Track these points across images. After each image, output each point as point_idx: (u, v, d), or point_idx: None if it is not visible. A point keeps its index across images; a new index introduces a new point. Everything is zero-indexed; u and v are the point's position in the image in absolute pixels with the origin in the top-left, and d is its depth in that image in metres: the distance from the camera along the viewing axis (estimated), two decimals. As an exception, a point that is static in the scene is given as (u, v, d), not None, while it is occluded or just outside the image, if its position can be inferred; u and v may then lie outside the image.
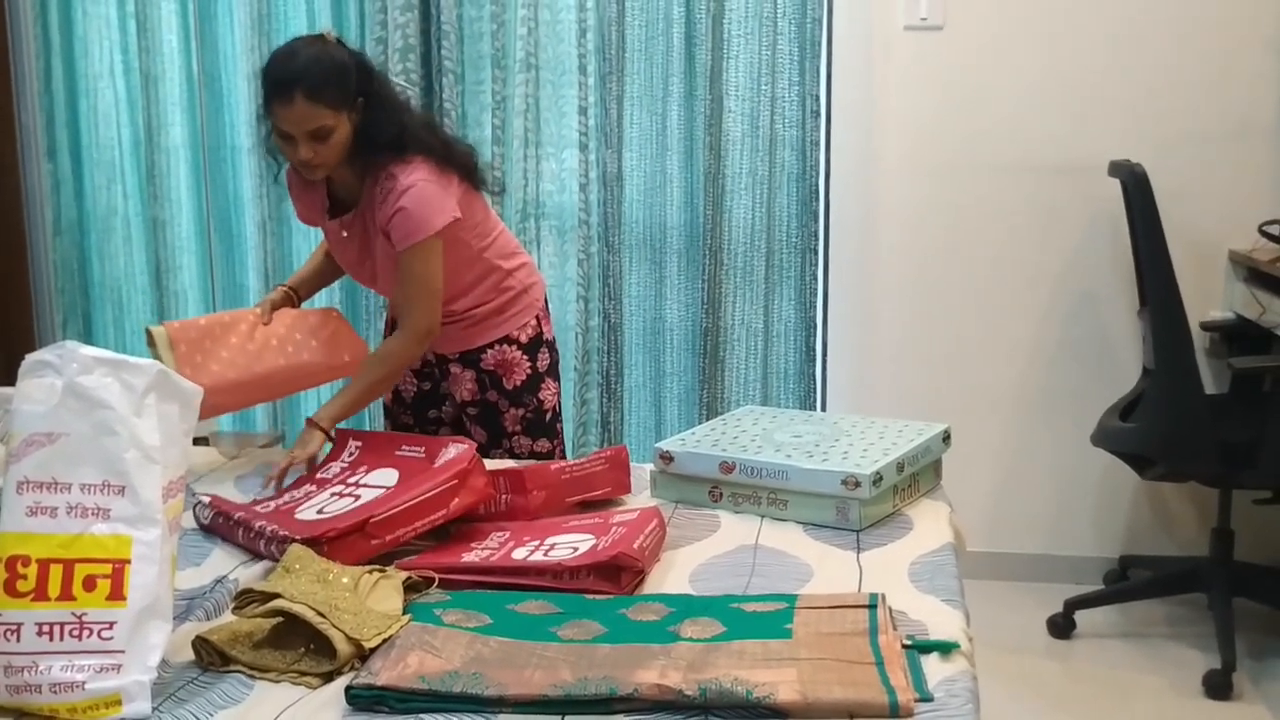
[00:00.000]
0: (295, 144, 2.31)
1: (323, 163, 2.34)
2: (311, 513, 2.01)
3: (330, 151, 2.33)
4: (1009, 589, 3.53)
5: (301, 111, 2.27)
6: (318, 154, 2.32)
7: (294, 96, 2.26)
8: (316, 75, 2.28)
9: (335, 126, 2.31)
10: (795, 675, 1.46)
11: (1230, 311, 3.42)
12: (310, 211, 2.60)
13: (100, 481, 1.47)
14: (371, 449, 2.25)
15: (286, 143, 2.33)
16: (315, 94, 2.27)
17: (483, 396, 2.63)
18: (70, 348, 1.50)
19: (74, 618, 1.43)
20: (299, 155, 2.32)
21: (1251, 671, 3.05)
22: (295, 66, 2.28)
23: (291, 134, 2.30)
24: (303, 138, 2.29)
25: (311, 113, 2.27)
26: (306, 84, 2.26)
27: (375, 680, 1.44)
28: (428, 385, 2.71)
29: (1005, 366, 3.60)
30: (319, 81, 2.28)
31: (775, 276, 3.51)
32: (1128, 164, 3.04)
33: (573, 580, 1.75)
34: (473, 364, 2.61)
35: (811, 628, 1.61)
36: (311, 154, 2.31)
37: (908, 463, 2.14)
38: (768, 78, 3.40)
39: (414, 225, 2.35)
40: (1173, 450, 3.06)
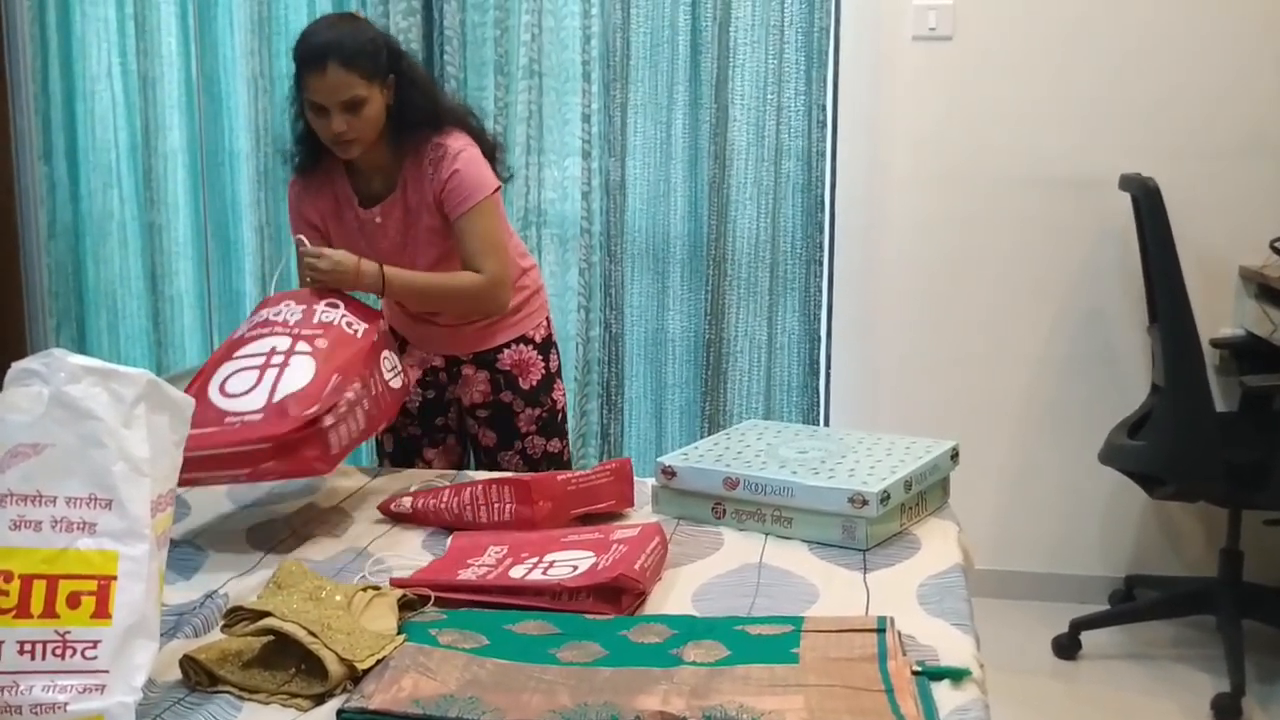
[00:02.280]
0: (328, 117, 2.29)
1: (357, 137, 2.32)
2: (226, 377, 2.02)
3: (364, 126, 2.32)
4: (1013, 608, 3.48)
5: (335, 80, 2.27)
6: (351, 126, 2.30)
7: (327, 65, 2.26)
8: (349, 45, 2.29)
9: (368, 98, 2.30)
10: (803, 703, 1.41)
11: (1240, 328, 3.38)
12: (319, 213, 2.51)
13: (87, 494, 1.42)
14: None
15: (319, 117, 2.31)
16: (348, 62, 2.27)
17: (495, 397, 2.60)
18: (58, 356, 1.46)
19: (57, 636, 1.38)
20: (332, 128, 2.29)
21: (1260, 695, 3.01)
22: (328, 37, 2.30)
23: (325, 106, 2.28)
24: (336, 109, 2.28)
25: (345, 81, 2.27)
26: (339, 53, 2.27)
27: (368, 704, 1.40)
28: (432, 394, 2.66)
29: (1011, 382, 3.56)
30: (352, 50, 2.29)
31: (779, 288, 3.46)
32: (1139, 177, 3.00)
33: (572, 601, 1.70)
34: (488, 364, 2.58)
35: (819, 652, 1.56)
36: (344, 126, 2.29)
37: (915, 480, 2.10)
38: (774, 87, 3.36)
39: (472, 185, 2.38)
40: (1182, 469, 3.02)
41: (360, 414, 2.06)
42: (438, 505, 2.08)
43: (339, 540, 2.05)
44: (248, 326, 2.19)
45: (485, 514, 2.04)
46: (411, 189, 2.43)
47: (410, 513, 2.11)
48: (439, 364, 2.63)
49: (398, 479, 2.40)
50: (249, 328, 2.18)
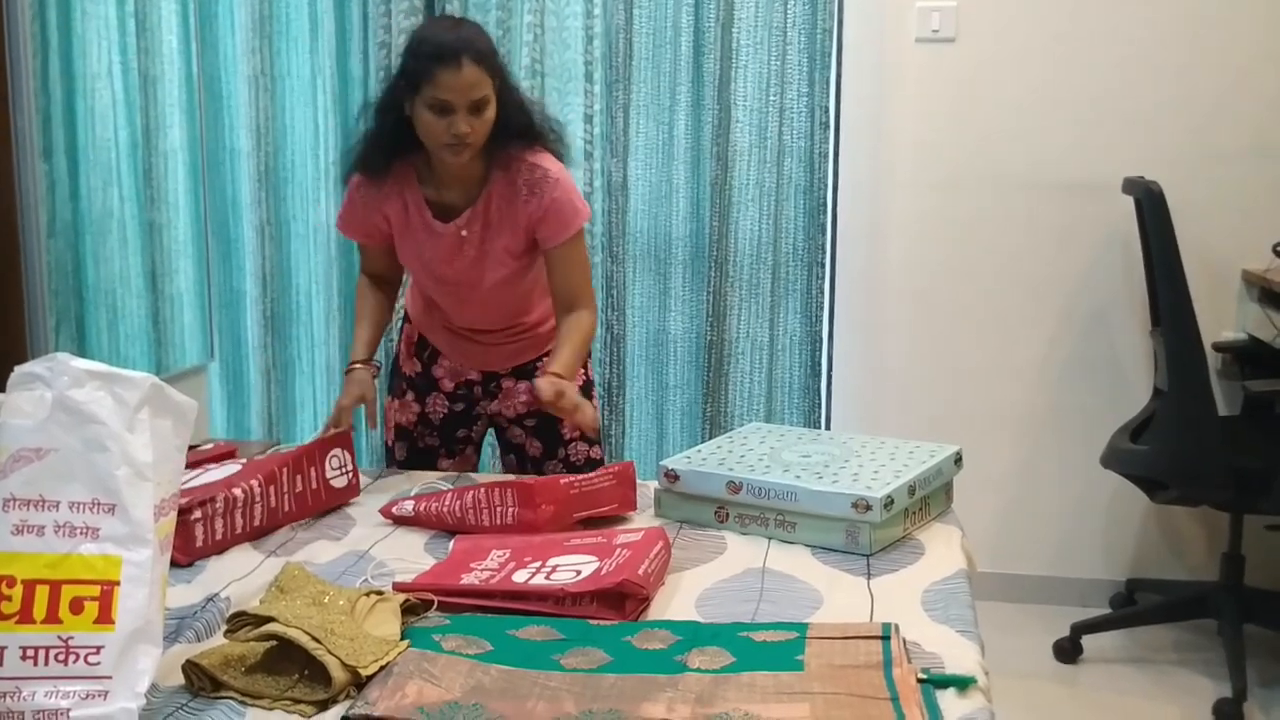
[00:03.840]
0: (453, 117, 2.23)
1: (476, 140, 2.27)
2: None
3: (483, 128, 2.27)
4: (1014, 611, 3.48)
5: (469, 76, 2.21)
6: (474, 129, 2.25)
7: (462, 61, 2.20)
8: (479, 43, 2.26)
9: (490, 100, 2.26)
10: (809, 711, 1.40)
11: (1243, 332, 3.37)
12: (386, 217, 2.44)
13: (90, 499, 1.41)
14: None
15: (440, 117, 2.23)
16: (481, 59, 2.23)
17: (540, 406, 2.50)
18: (61, 359, 1.45)
19: (60, 641, 1.37)
20: (458, 128, 2.23)
21: (1262, 700, 3.00)
22: (461, 34, 2.26)
23: (453, 105, 2.22)
24: (464, 108, 2.23)
25: (478, 78, 2.22)
26: (473, 50, 2.23)
27: (372, 710, 1.39)
28: (460, 406, 2.62)
29: (1014, 385, 3.55)
30: (483, 49, 2.26)
31: (781, 289, 3.46)
32: (1142, 181, 2.99)
33: (575, 606, 1.70)
34: (527, 375, 2.54)
35: (824, 659, 1.55)
36: (469, 128, 2.23)
37: (919, 485, 2.09)
38: (776, 88, 3.35)
39: (571, 213, 2.38)
40: (1185, 473, 3.01)
41: (254, 511, 2.03)
42: (440, 509, 2.07)
43: (340, 543, 2.05)
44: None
45: (488, 517, 2.04)
46: (497, 205, 2.37)
47: (412, 516, 2.10)
48: (475, 378, 2.59)
49: (399, 481, 2.40)
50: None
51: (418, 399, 2.62)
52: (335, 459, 2.19)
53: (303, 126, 3.61)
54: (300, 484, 2.12)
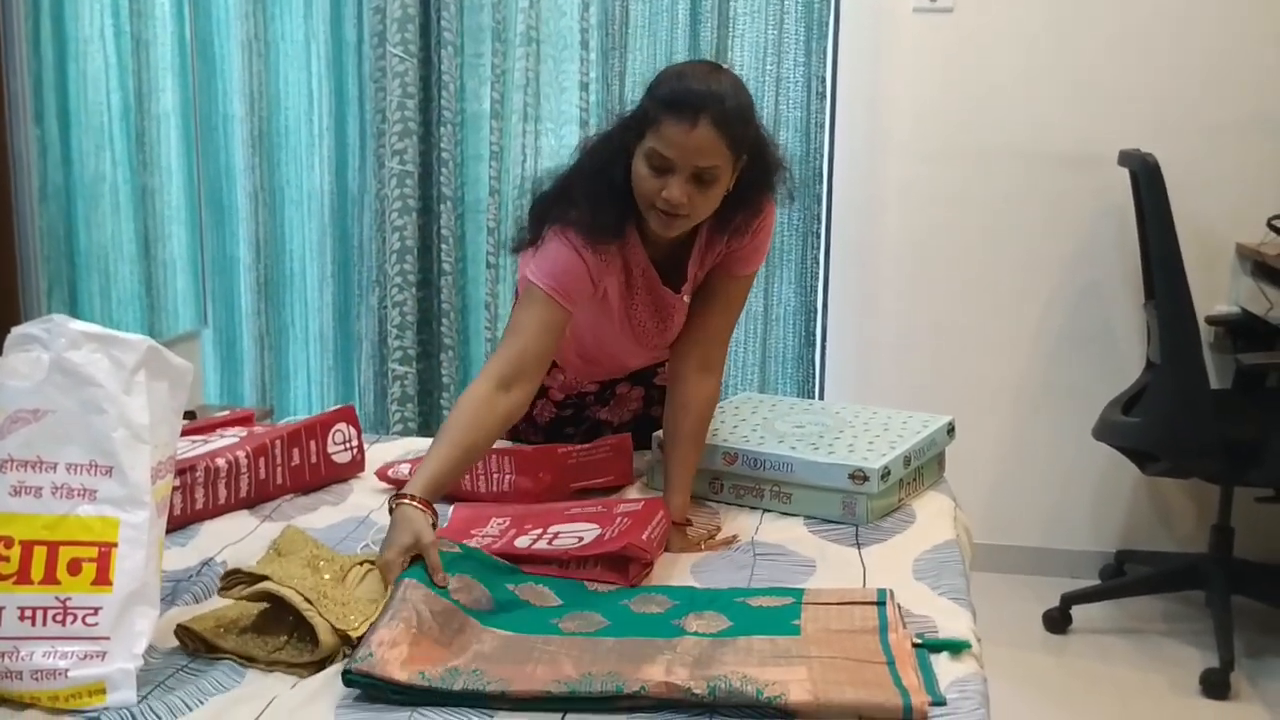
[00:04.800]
0: (668, 178, 1.83)
1: (690, 214, 1.87)
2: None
3: (705, 204, 1.88)
4: (1005, 582, 3.50)
5: (702, 140, 1.80)
6: (691, 200, 1.85)
7: (699, 119, 1.79)
8: (731, 103, 1.83)
9: (721, 175, 1.85)
10: (806, 674, 1.41)
11: (1236, 306, 3.38)
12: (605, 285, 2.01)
13: (87, 461, 1.41)
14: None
15: (655, 175, 1.84)
16: (723, 123, 1.81)
17: (646, 411, 2.38)
18: (58, 321, 1.44)
19: (58, 602, 1.38)
20: (670, 194, 1.83)
21: (1249, 670, 3.03)
22: (711, 86, 1.83)
23: (672, 165, 1.82)
24: (686, 173, 1.82)
25: (712, 145, 1.81)
26: (719, 109, 1.80)
27: (373, 670, 1.39)
28: (569, 412, 2.37)
29: (1007, 357, 3.56)
30: (731, 111, 1.82)
31: (776, 259, 3.45)
32: (1138, 153, 2.99)
33: (579, 569, 1.70)
34: (644, 380, 2.36)
35: (820, 624, 1.56)
36: (684, 198, 1.83)
37: (914, 456, 2.10)
38: (773, 58, 3.34)
39: (763, 251, 2.08)
40: (1176, 446, 3.02)
41: (239, 483, 2.01)
42: None
43: (339, 509, 2.05)
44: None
45: (484, 484, 2.04)
46: (702, 261, 2.05)
47: (408, 479, 2.09)
48: (591, 389, 2.34)
49: (395, 446, 2.39)
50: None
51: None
52: (339, 433, 2.17)
53: (296, 92, 3.59)
54: (298, 457, 2.11)
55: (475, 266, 3.55)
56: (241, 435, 2.17)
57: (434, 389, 3.60)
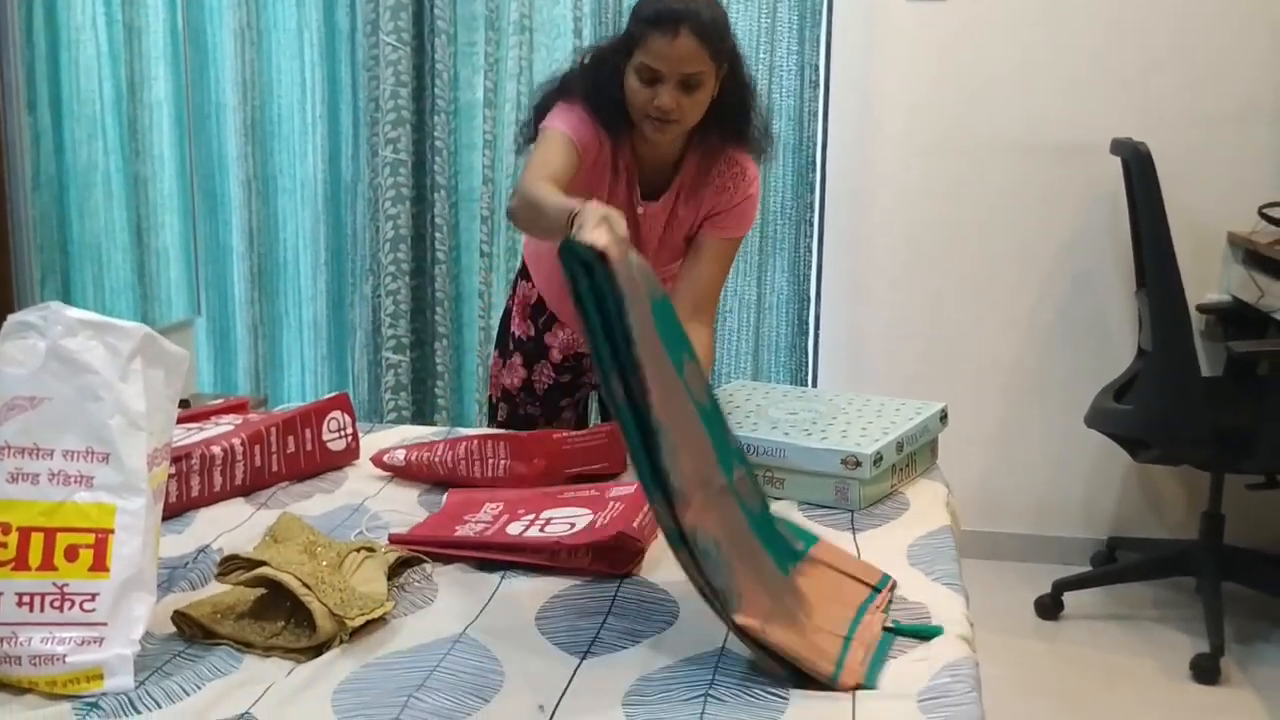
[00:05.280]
0: (658, 87, 2.08)
1: (681, 119, 2.12)
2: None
3: (694, 109, 2.13)
4: (997, 569, 3.51)
5: (684, 49, 2.05)
6: (680, 105, 2.10)
7: (680, 30, 2.04)
8: (707, 16, 2.08)
9: (706, 80, 2.10)
10: (765, 609, 1.43)
11: (1227, 294, 3.39)
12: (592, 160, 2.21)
13: (84, 448, 1.41)
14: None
15: (646, 86, 2.09)
16: (703, 34, 2.06)
17: None
18: (54, 309, 1.45)
19: (55, 588, 1.38)
20: (661, 101, 2.08)
21: (1239, 656, 3.05)
22: (690, 4, 2.07)
23: (661, 75, 2.07)
24: (673, 81, 2.07)
25: (694, 53, 2.06)
26: (696, 21, 2.05)
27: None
28: (566, 378, 2.52)
29: (999, 344, 3.57)
30: (709, 22, 2.08)
31: (769, 247, 3.46)
32: (1130, 142, 3.00)
33: (570, 559, 1.71)
34: None
35: (810, 582, 1.58)
36: (675, 104, 2.09)
37: (906, 442, 2.11)
38: (766, 46, 3.34)
39: (749, 217, 2.31)
40: (1167, 433, 3.04)
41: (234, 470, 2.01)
42: (431, 459, 2.07)
43: (333, 496, 2.05)
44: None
45: (479, 469, 2.04)
46: (685, 198, 2.28)
47: (404, 465, 2.10)
48: (586, 350, 2.45)
49: (390, 434, 2.40)
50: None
51: (525, 364, 2.52)
52: (334, 421, 2.17)
53: (289, 80, 3.59)
54: (293, 445, 2.11)
55: (469, 255, 3.55)
56: (236, 423, 2.17)
57: (428, 377, 3.60)
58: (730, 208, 2.26)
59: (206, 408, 2.33)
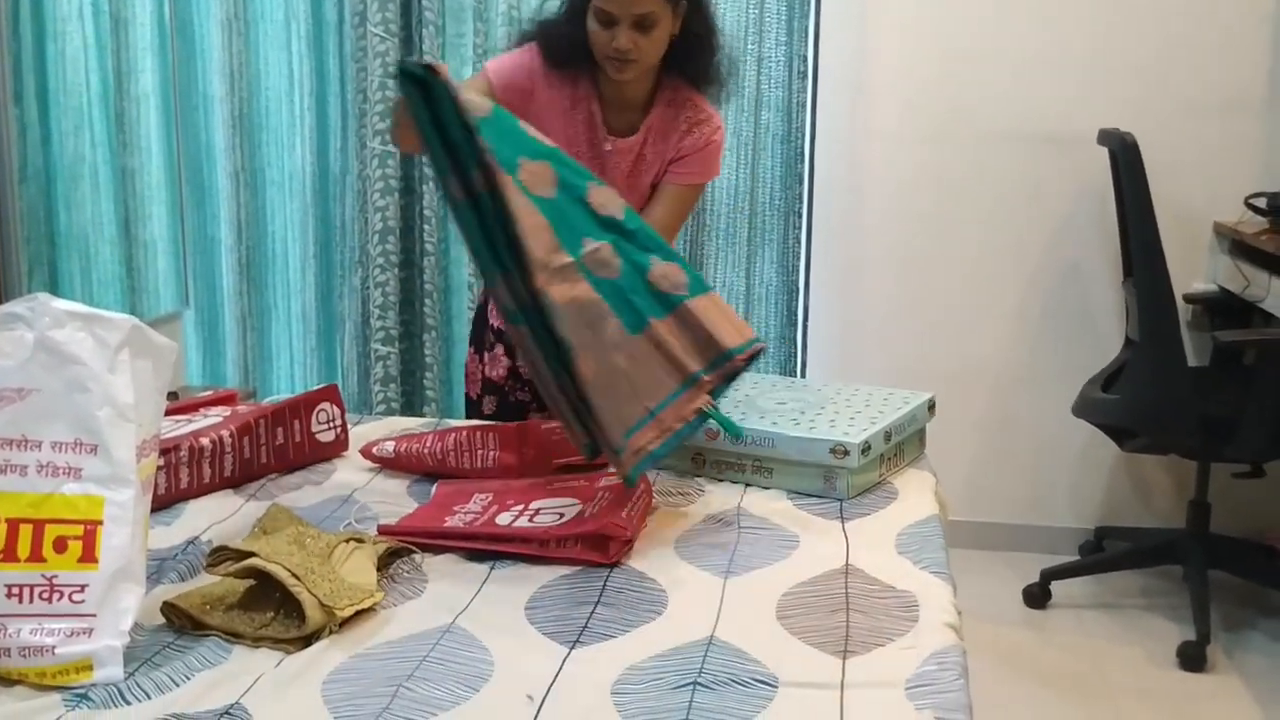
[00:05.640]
0: (615, 30, 2.16)
1: (639, 58, 2.20)
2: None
3: (650, 48, 2.20)
4: (985, 558, 3.53)
5: None
6: (637, 45, 2.17)
7: None
8: None
9: (660, 19, 2.18)
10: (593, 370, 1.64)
11: (1214, 284, 3.41)
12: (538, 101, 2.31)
13: (72, 440, 1.42)
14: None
15: (604, 28, 2.17)
16: None
17: None
18: (42, 300, 1.45)
19: (44, 580, 1.39)
20: (618, 43, 2.16)
21: (1226, 644, 3.07)
22: None
23: (615, 17, 2.15)
24: (627, 22, 2.15)
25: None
26: None
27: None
28: None
29: (988, 335, 3.58)
30: None
31: (758, 239, 3.46)
32: (1117, 133, 3.01)
33: (558, 549, 1.71)
34: None
35: (652, 345, 1.76)
36: (630, 45, 2.16)
37: (895, 431, 2.12)
38: (754, 37, 3.34)
39: (712, 164, 2.38)
40: (1154, 422, 3.05)
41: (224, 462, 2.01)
42: (420, 450, 2.08)
43: (322, 488, 2.05)
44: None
45: (468, 460, 2.05)
46: (653, 139, 2.34)
47: (393, 457, 2.10)
48: None
49: (379, 425, 2.40)
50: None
51: (508, 353, 2.54)
52: (323, 413, 2.17)
53: (277, 72, 3.58)
54: (282, 436, 2.11)
55: (458, 247, 3.54)
56: (225, 415, 2.17)
57: (417, 369, 3.60)
58: (694, 151, 2.33)
59: (195, 400, 2.33)
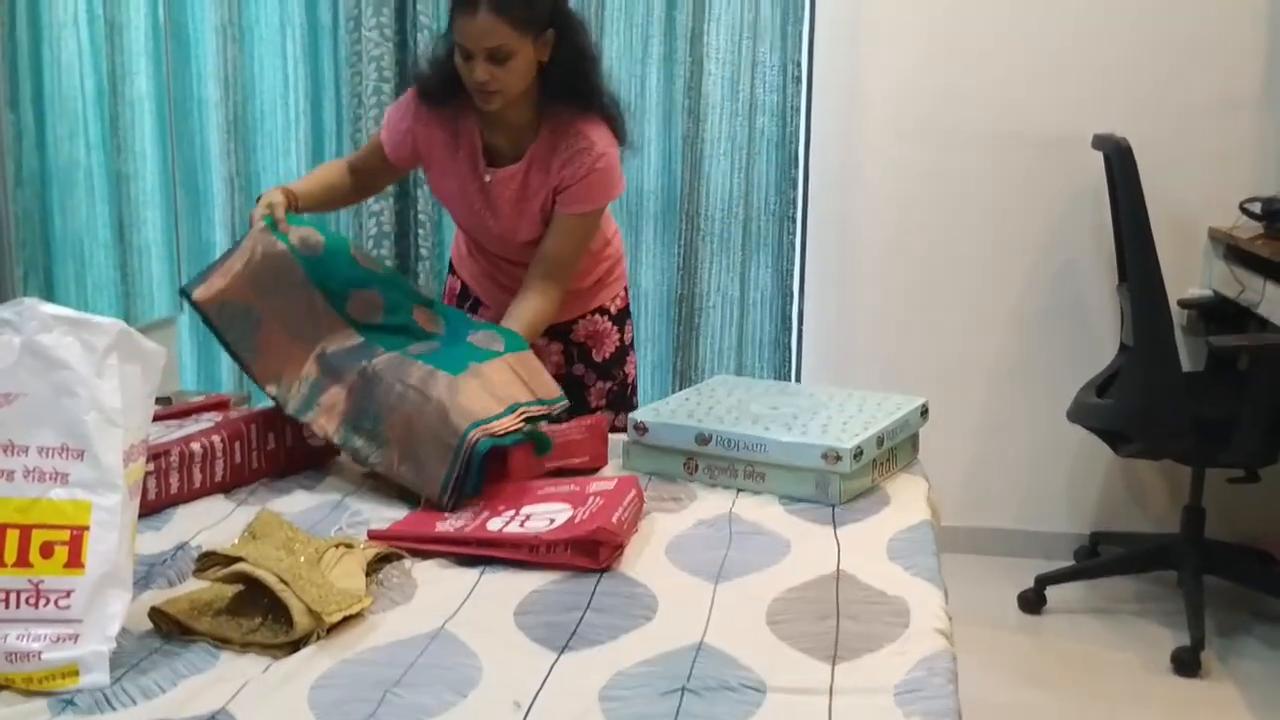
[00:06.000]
0: (473, 63, 2.18)
1: (500, 89, 2.21)
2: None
3: (510, 79, 2.20)
4: (981, 563, 3.52)
5: (483, 25, 2.14)
6: (494, 78, 2.18)
7: (478, 7, 2.13)
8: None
9: (516, 50, 2.18)
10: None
11: (1208, 289, 3.41)
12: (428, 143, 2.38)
13: (59, 444, 1.41)
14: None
15: (466, 62, 2.19)
16: (500, 8, 2.14)
17: (568, 370, 2.52)
18: (29, 304, 1.44)
19: (30, 585, 1.38)
20: (476, 75, 2.18)
21: (1220, 649, 3.06)
22: None
23: (469, 51, 2.17)
24: (480, 55, 2.16)
25: (493, 28, 2.14)
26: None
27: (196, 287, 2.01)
28: None
29: (982, 339, 3.58)
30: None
31: (752, 244, 3.46)
32: (1111, 137, 3.01)
33: (549, 554, 1.71)
34: (561, 336, 2.51)
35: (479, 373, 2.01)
36: (488, 76, 2.18)
37: (887, 437, 2.11)
38: (749, 41, 3.34)
39: (599, 191, 2.33)
40: (1149, 428, 3.05)
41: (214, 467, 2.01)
42: None
43: (314, 493, 2.05)
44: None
45: None
46: (537, 166, 2.32)
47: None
48: None
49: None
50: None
51: None
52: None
53: (272, 77, 3.58)
54: (273, 441, 2.11)
55: (452, 251, 3.54)
56: (216, 420, 2.17)
57: (412, 374, 3.59)
58: (576, 181, 2.29)
59: (186, 404, 2.33)
